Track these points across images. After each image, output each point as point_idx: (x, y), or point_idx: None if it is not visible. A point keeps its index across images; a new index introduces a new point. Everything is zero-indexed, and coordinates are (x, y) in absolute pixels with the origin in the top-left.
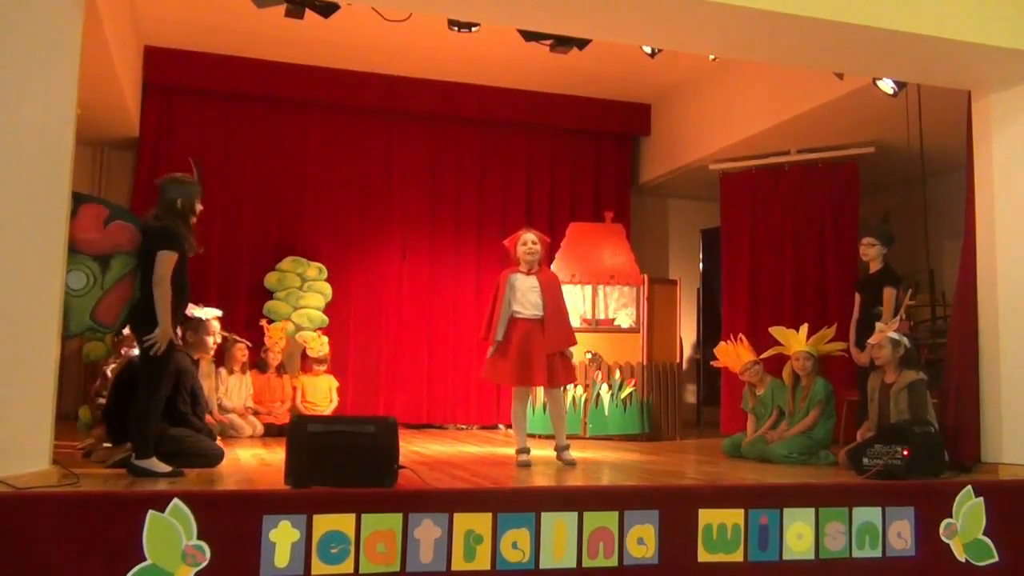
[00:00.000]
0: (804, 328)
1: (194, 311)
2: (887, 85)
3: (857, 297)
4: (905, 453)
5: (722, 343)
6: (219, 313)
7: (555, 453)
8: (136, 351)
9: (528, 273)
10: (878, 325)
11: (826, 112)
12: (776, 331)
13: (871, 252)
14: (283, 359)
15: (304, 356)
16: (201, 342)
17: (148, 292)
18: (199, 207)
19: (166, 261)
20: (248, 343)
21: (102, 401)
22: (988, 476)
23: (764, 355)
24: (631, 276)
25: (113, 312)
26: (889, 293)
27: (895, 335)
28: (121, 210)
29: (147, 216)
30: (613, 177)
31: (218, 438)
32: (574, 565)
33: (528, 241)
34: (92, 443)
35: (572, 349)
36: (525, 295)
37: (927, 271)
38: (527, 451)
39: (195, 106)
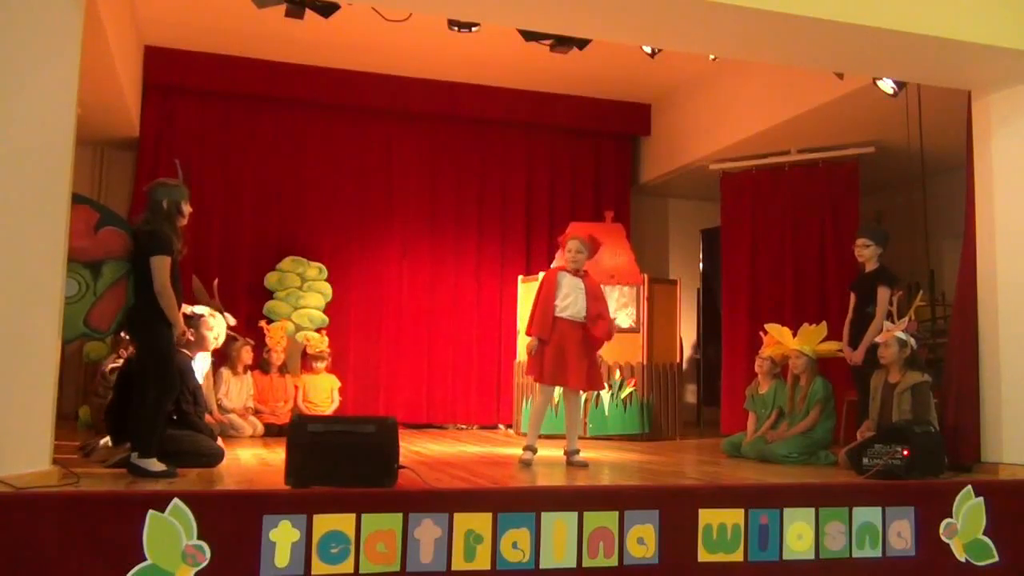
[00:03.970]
0: (803, 328)
1: (194, 308)
2: (887, 85)
3: (852, 297)
4: (905, 453)
5: (774, 324)
6: (233, 322)
7: (564, 456)
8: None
9: (575, 274)
10: (886, 324)
11: (826, 112)
12: (772, 328)
13: (866, 253)
14: (284, 359)
15: (305, 355)
16: (201, 339)
17: (144, 297)
18: (187, 208)
19: (163, 266)
20: (251, 341)
21: (100, 401)
22: (988, 476)
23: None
24: (631, 276)
25: (107, 318)
26: (883, 292)
27: (902, 335)
28: (111, 215)
29: (137, 221)
30: (613, 177)
31: (218, 438)
32: (574, 565)
33: (572, 249)
34: (95, 442)
35: (600, 354)
36: (568, 296)
37: (927, 271)
38: (534, 450)
39: (195, 106)
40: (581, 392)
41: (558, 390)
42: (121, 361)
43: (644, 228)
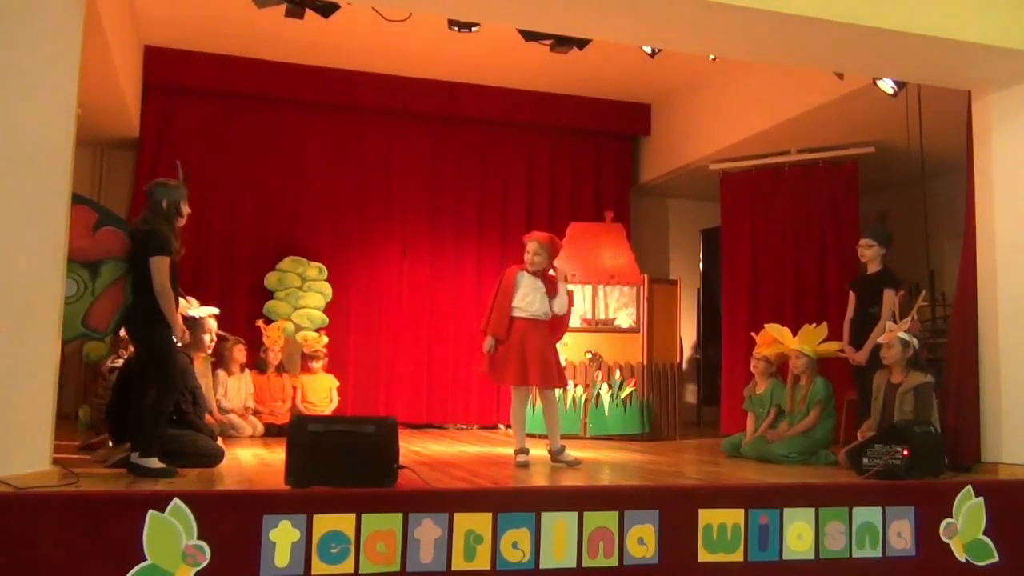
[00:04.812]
0: (804, 328)
1: (189, 311)
2: (887, 85)
3: (852, 296)
4: (905, 453)
5: (774, 324)
6: (216, 311)
7: (549, 456)
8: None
9: (535, 275)
10: (888, 325)
11: (826, 112)
12: (772, 328)
13: (869, 253)
14: (283, 358)
15: (303, 355)
16: (198, 341)
17: (142, 296)
18: (186, 209)
19: (162, 267)
20: (241, 339)
21: (99, 401)
22: (988, 476)
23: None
24: (631, 276)
25: (105, 318)
26: (889, 296)
27: (906, 336)
28: (109, 214)
29: (136, 220)
30: (613, 177)
31: (218, 438)
32: (574, 565)
33: (531, 250)
34: (97, 441)
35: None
36: (526, 296)
37: (927, 271)
38: (526, 451)
39: (195, 106)
40: (555, 390)
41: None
42: (121, 361)
43: (644, 228)
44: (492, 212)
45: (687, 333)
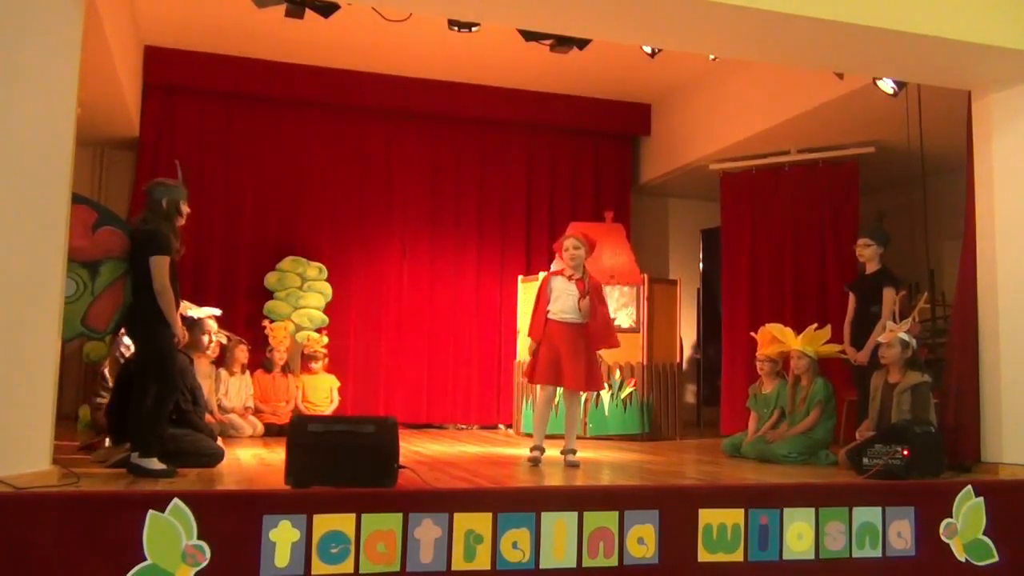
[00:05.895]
0: (808, 331)
1: (190, 311)
2: (887, 85)
3: (851, 297)
4: (905, 453)
5: (775, 324)
6: (217, 312)
7: (561, 455)
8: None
9: (570, 279)
10: (889, 324)
11: (826, 112)
12: (773, 328)
13: (867, 253)
14: (288, 358)
15: (304, 355)
16: (197, 341)
17: (141, 296)
18: (185, 209)
19: (162, 266)
20: (244, 340)
21: (99, 401)
22: (988, 476)
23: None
24: (631, 276)
25: (104, 317)
26: (889, 294)
27: (906, 336)
28: (109, 214)
29: (135, 220)
30: (613, 177)
31: (218, 438)
32: (574, 565)
33: (569, 247)
34: (97, 441)
35: (602, 353)
36: (559, 299)
37: (927, 271)
38: (541, 450)
39: (195, 106)
40: (580, 392)
41: (559, 390)
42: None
43: (644, 228)
44: (492, 212)
45: (687, 333)
